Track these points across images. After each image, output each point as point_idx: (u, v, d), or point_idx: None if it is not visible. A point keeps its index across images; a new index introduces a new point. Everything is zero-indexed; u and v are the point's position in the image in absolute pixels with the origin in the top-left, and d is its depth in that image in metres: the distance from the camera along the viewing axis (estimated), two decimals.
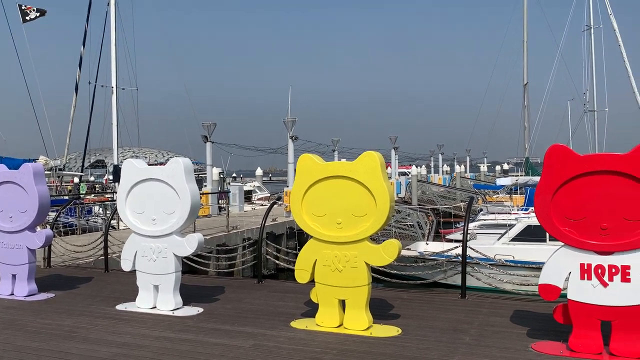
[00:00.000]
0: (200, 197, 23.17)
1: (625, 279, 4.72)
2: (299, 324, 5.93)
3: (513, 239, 15.33)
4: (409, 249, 15.98)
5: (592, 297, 4.81)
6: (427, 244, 17.10)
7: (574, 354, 4.79)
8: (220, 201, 24.10)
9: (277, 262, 11.22)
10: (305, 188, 5.83)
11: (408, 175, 38.22)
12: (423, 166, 54.74)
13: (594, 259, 4.82)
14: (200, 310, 6.63)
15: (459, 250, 7.47)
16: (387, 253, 5.57)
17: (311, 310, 6.17)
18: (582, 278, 4.85)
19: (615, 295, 4.74)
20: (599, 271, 4.80)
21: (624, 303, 4.71)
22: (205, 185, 26.35)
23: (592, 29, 29.11)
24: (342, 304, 5.76)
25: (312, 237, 5.90)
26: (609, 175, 4.72)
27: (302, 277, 5.94)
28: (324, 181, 5.76)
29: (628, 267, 4.72)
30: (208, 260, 13.02)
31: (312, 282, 5.90)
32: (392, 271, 8.98)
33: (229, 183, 30.68)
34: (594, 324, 4.80)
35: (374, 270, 7.61)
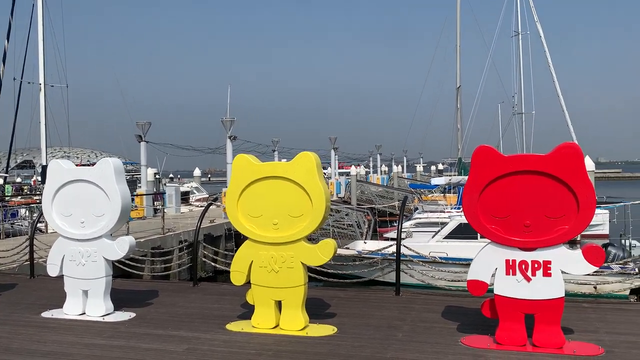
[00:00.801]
0: (134, 199, 22.51)
1: (547, 273, 4.98)
2: (235, 326, 5.88)
3: (446, 237, 15.84)
4: (347, 248, 16.18)
5: (517, 292, 5.04)
6: (365, 242, 17.36)
7: (500, 346, 5.00)
8: (155, 203, 23.47)
9: (214, 264, 11.05)
10: (240, 189, 5.78)
11: (348, 175, 38.67)
12: (362, 166, 55.56)
13: (518, 255, 5.05)
14: (132, 315, 6.43)
15: (394, 249, 7.63)
16: (323, 253, 5.61)
17: (248, 312, 6.12)
18: (508, 273, 5.08)
19: (538, 289, 4.99)
20: (523, 266, 5.04)
21: (546, 296, 4.97)
22: (140, 187, 25.58)
23: (520, 35, 30.59)
24: (279, 304, 5.75)
25: (248, 238, 5.86)
26: (531, 174, 4.96)
27: (237, 278, 5.88)
28: (260, 182, 5.74)
29: (549, 262, 4.98)
30: (142, 263, 12.66)
31: (248, 283, 5.86)
32: (330, 270, 9.06)
33: (165, 184, 29.94)
34: (518, 318, 5.04)
35: (312, 270, 7.67)
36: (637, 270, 11.86)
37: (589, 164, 29.86)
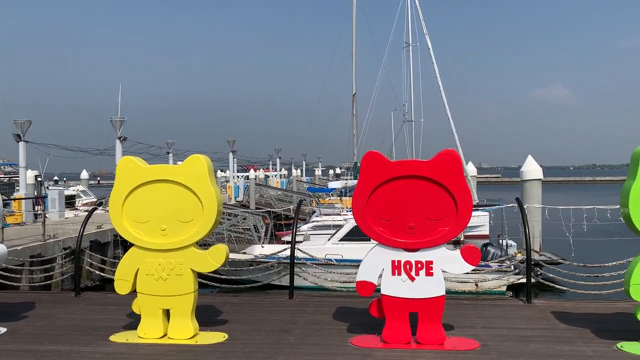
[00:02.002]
0: (10, 203, 20.65)
1: (429, 273, 5.24)
2: (119, 337, 5.58)
3: (342, 239, 16.19)
4: (244, 253, 16.02)
5: (402, 291, 5.25)
6: (263, 246, 17.28)
7: (387, 345, 5.19)
8: (36, 207, 21.75)
9: (101, 273, 10.45)
10: (126, 193, 5.51)
11: (247, 179, 38.35)
12: (261, 170, 55.42)
13: (403, 256, 5.27)
14: (3, 330, 5.89)
15: (289, 252, 7.66)
16: (214, 259, 5.49)
17: (134, 322, 5.84)
18: (393, 274, 5.28)
19: (421, 288, 5.23)
20: (407, 267, 5.26)
21: (428, 295, 5.23)
22: (18, 190, 23.59)
23: (411, 46, 32.22)
24: (167, 313, 5.55)
25: (134, 244, 5.60)
26: (414, 179, 5.20)
27: (122, 287, 5.59)
28: (147, 185, 5.50)
29: (431, 262, 5.25)
30: (19, 273, 11.66)
31: (134, 292, 5.59)
32: (224, 276, 8.92)
33: (47, 187, 27.85)
34: (403, 316, 5.25)
35: (205, 276, 7.49)
36: (512, 267, 12.84)
37: (471, 169, 32.15)
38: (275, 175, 55.48)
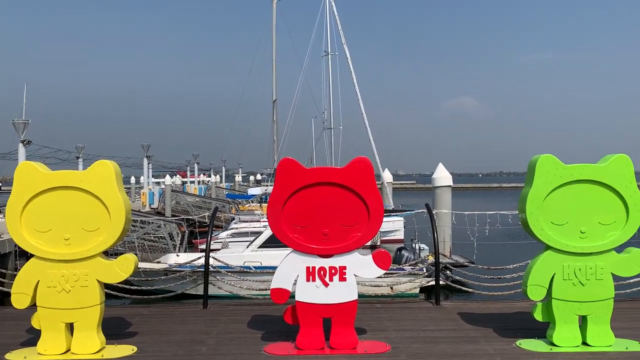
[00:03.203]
0: None
1: (343, 278, 5.32)
2: (17, 355, 5.21)
3: (261, 246, 16.08)
4: (159, 262, 15.50)
5: (316, 297, 5.30)
6: (178, 255, 16.80)
7: (301, 351, 5.20)
8: None
9: (0, 287, 9.69)
10: (25, 200, 5.16)
11: (162, 185, 37.18)
12: (178, 175, 53.94)
13: (318, 262, 5.32)
14: None
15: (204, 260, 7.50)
16: (122, 269, 5.27)
17: (34, 337, 5.47)
18: (308, 280, 5.32)
19: (335, 293, 5.30)
20: (322, 273, 5.32)
21: (342, 300, 5.31)
22: None
23: (330, 55, 32.79)
24: (71, 327, 5.24)
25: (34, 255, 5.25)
26: (329, 186, 5.28)
27: (21, 301, 5.22)
28: (49, 192, 5.19)
29: (345, 268, 5.33)
30: None
31: (34, 306, 5.24)
32: (134, 287, 8.58)
33: None
34: (317, 322, 5.29)
35: (115, 287, 7.16)
36: (424, 270, 13.33)
37: (388, 176, 33.11)
38: (193, 182, 54.21)
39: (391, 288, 12.75)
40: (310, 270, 5.32)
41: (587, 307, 5.28)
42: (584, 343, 5.27)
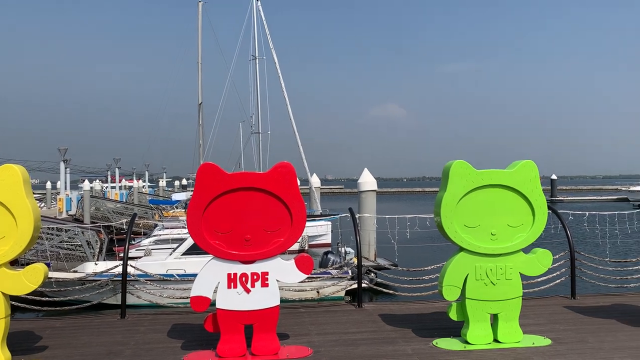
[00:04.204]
0: None
1: (265, 284, 5.30)
2: None
3: (185, 253, 15.70)
4: (75, 271, 14.77)
5: (237, 304, 5.24)
6: (97, 264, 16.08)
7: (221, 359, 5.12)
8: None
9: None
10: None
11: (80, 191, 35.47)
12: (97, 180, 51.67)
13: (239, 268, 5.27)
14: None
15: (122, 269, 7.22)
16: (29, 279, 4.97)
17: None
18: (229, 287, 5.25)
19: (257, 299, 5.27)
20: (243, 279, 5.27)
21: (264, 306, 5.28)
22: None
23: (257, 59, 32.61)
24: None
25: None
26: (251, 191, 5.25)
27: None
28: None
29: (267, 274, 5.32)
30: None
31: None
32: (46, 299, 8.12)
33: None
34: (238, 329, 5.24)
35: (23, 299, 6.74)
36: (350, 273, 13.54)
37: (316, 180, 33.33)
38: (114, 187, 52.11)
39: (317, 292, 12.84)
40: (232, 277, 5.26)
41: (498, 306, 5.56)
42: (495, 340, 5.54)
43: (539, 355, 5.17)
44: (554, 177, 75.38)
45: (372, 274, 13.91)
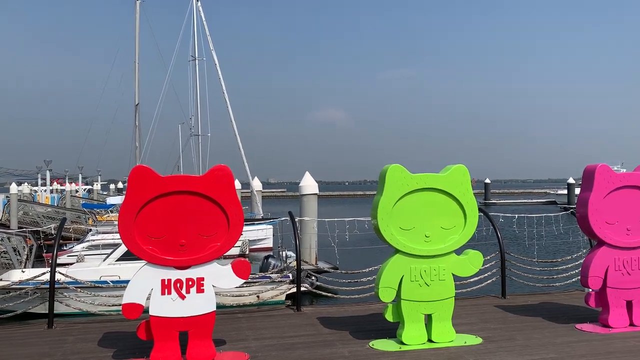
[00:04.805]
0: None
1: (200, 290, 5.19)
2: None
3: (119, 259, 15.19)
4: (0, 279, 13.98)
5: (172, 311, 5.11)
6: (24, 271, 15.28)
7: None
8: None
9: None
10: None
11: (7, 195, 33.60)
12: (26, 183, 49.15)
13: (174, 274, 5.15)
14: None
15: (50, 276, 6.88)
16: None
17: None
18: (163, 293, 5.11)
19: (192, 306, 5.16)
20: (178, 285, 5.15)
21: (199, 312, 5.18)
22: None
23: (197, 60, 32.06)
24: None
25: None
26: (186, 195, 5.14)
27: None
28: None
29: (202, 279, 5.21)
30: None
31: None
32: None
33: None
34: (172, 336, 5.10)
35: None
36: (290, 277, 13.52)
37: (257, 184, 33.11)
38: (45, 190, 49.72)
39: (257, 297, 12.73)
40: (166, 283, 5.12)
41: (431, 306, 5.69)
42: (430, 340, 5.67)
43: (470, 354, 5.33)
44: (487, 180, 78.38)
45: (313, 278, 13.94)
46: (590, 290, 6.41)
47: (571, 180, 61.56)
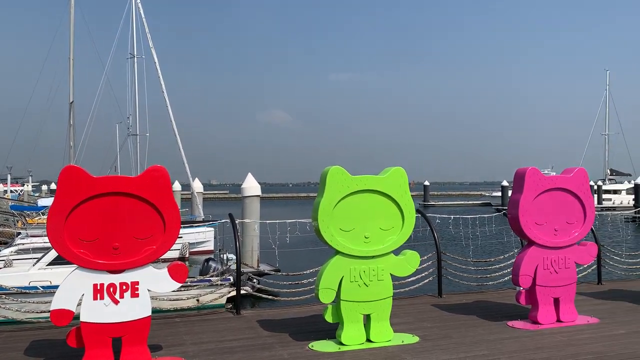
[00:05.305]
0: None
1: (135, 294, 5.03)
2: None
3: (50, 263, 14.52)
4: None
5: (105, 316, 4.93)
6: None
7: None
8: None
9: None
10: None
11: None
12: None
13: (107, 279, 4.96)
14: None
15: None
16: None
17: None
18: (95, 298, 4.92)
19: (126, 311, 4.99)
20: (111, 290, 4.97)
21: (134, 317, 5.02)
22: None
23: (136, 58, 31.16)
24: None
25: None
26: (120, 196, 4.97)
27: None
28: None
29: (137, 283, 5.06)
30: None
31: None
32: None
33: None
34: (105, 343, 4.92)
35: None
36: (231, 280, 13.35)
37: (198, 185, 32.53)
38: None
39: (197, 300, 12.48)
40: (98, 288, 4.94)
41: (370, 307, 5.76)
42: (368, 340, 5.74)
43: (407, 353, 5.44)
44: (426, 183, 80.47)
45: (254, 280, 13.84)
46: (521, 288, 6.68)
47: (505, 183, 64.29)
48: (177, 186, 37.85)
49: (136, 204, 5.02)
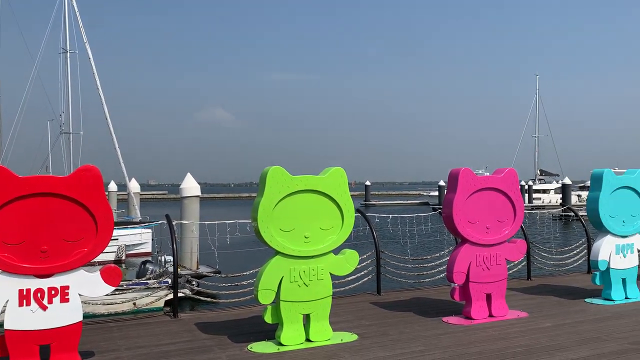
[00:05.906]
0: None
1: (65, 299, 4.83)
2: None
3: None
4: None
5: (31, 323, 4.71)
6: None
7: None
8: None
9: None
10: None
11: None
12: None
13: (34, 283, 4.74)
14: None
15: None
16: None
17: None
18: (21, 304, 4.69)
19: (55, 317, 4.78)
20: (39, 295, 4.75)
21: (64, 323, 4.82)
22: None
23: (69, 53, 29.85)
24: None
25: None
26: (49, 197, 4.75)
27: None
28: None
29: (67, 287, 4.85)
30: None
31: None
32: None
33: None
34: (32, 351, 4.70)
35: None
36: (170, 282, 13.04)
37: (135, 185, 31.57)
38: None
39: (134, 304, 12.12)
40: (24, 293, 4.71)
41: (310, 306, 5.78)
42: (307, 340, 5.75)
43: (346, 351, 5.49)
44: (367, 183, 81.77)
45: (193, 283, 13.58)
46: (455, 285, 6.90)
47: (442, 183, 66.32)
48: (112, 186, 36.60)
49: (66, 205, 4.82)
